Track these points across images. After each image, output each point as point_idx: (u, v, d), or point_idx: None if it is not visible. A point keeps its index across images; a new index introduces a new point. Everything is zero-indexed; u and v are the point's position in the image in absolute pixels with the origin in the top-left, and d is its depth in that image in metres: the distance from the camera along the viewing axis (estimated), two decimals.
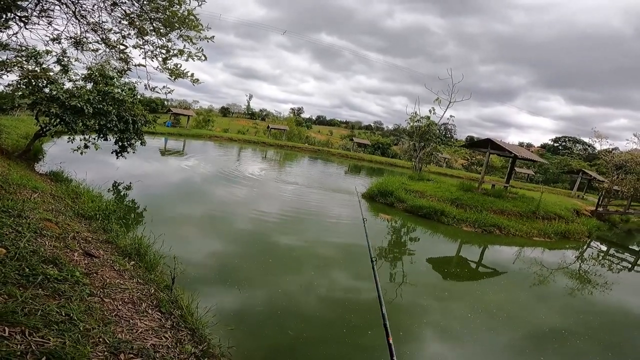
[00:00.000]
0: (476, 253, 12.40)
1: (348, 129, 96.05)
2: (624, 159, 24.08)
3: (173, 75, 7.86)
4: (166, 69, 7.91)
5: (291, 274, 7.55)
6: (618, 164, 24.42)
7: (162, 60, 7.81)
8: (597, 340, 6.75)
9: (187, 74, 7.99)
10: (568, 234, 15.89)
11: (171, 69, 7.90)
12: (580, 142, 71.86)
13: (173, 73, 7.87)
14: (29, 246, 3.84)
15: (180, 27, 7.37)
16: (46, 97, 9.71)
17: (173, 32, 7.52)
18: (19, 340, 2.47)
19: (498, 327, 6.72)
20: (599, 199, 23.28)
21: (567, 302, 8.75)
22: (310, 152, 45.91)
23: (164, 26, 7.38)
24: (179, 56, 7.80)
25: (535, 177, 48.09)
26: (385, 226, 13.89)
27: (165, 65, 7.87)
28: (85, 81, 10.64)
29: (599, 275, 11.36)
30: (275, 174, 23.00)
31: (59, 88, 9.84)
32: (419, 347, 5.65)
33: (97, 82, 10.56)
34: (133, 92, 11.33)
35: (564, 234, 15.76)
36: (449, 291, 8.28)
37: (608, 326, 7.55)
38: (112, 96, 10.41)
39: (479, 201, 16.84)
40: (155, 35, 7.58)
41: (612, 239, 19.59)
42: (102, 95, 10.32)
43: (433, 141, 24.68)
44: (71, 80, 10.36)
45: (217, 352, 3.99)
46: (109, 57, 8.88)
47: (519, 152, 21.35)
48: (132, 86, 11.25)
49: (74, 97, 9.79)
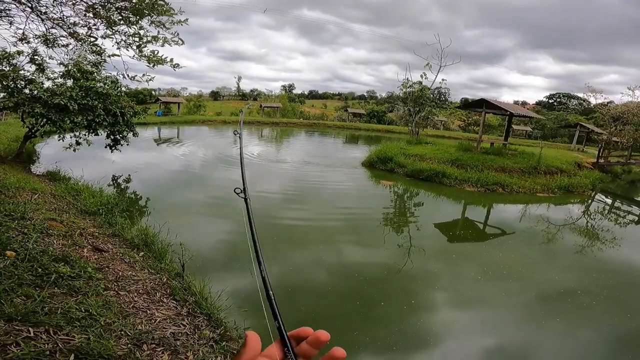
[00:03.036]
0: (481, 213, 12.45)
1: (341, 101, 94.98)
2: (621, 111, 24.10)
3: (151, 62, 7.64)
4: (143, 56, 7.68)
5: (300, 250, 7.58)
6: (615, 116, 24.47)
7: (136, 48, 7.56)
8: (613, 301, 6.42)
9: (165, 60, 7.76)
10: (572, 188, 15.83)
11: (148, 56, 7.66)
12: (574, 98, 71.40)
13: (151, 60, 7.64)
14: (37, 247, 3.83)
15: (150, 13, 7.10)
16: (28, 97, 9.54)
17: (143, 19, 7.23)
18: (45, 339, 2.49)
19: (510, 289, 6.57)
20: (599, 150, 23.28)
21: (578, 260, 8.56)
22: (306, 127, 45.58)
23: (132, 14, 7.09)
24: (154, 42, 7.56)
25: (533, 133, 48.05)
26: (388, 192, 13.94)
27: (141, 53, 7.64)
28: (64, 78, 10.44)
29: (607, 231, 11.06)
30: (273, 151, 22.90)
31: (39, 87, 9.66)
32: (431, 315, 5.57)
33: (77, 78, 10.35)
34: (116, 84, 11.12)
35: (567, 188, 15.71)
36: (458, 255, 8.28)
37: (623, 285, 7.20)
38: (95, 91, 10.22)
39: (479, 160, 16.84)
40: (125, 24, 7.30)
41: (616, 191, 19.53)
42: (85, 91, 10.13)
43: (427, 105, 24.78)
44: (49, 79, 10.16)
45: (235, 334, 4.04)
46: (82, 52, 8.63)
47: (514, 109, 21.40)
48: (114, 79, 11.02)
49: (56, 95, 9.62)
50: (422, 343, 4.77)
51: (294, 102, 65.84)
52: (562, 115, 52.84)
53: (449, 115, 55.96)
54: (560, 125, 44.45)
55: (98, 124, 10.59)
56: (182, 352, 3.13)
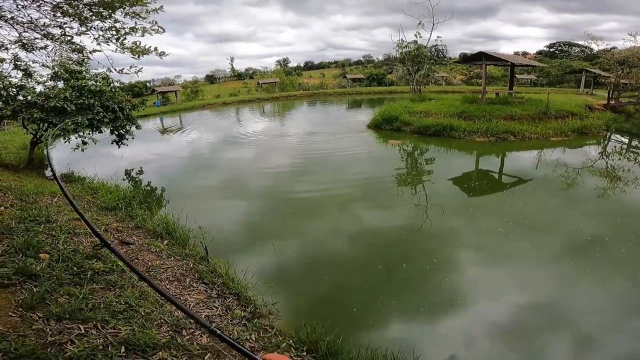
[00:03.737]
0: (495, 163, 12.31)
1: (339, 68, 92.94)
2: (625, 55, 23.62)
3: (135, 53, 7.54)
4: (126, 48, 7.57)
5: (316, 220, 7.62)
6: (620, 60, 23.98)
7: (116, 41, 7.44)
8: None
9: (150, 49, 7.65)
10: (585, 130, 15.52)
11: (131, 48, 7.55)
12: (576, 45, 69.16)
13: (134, 51, 7.54)
14: (68, 247, 3.94)
15: (121, 5, 6.93)
16: (23, 104, 9.54)
17: (116, 11, 7.07)
18: (96, 334, 2.60)
19: (534, 240, 6.29)
20: (609, 92, 22.81)
21: (601, 204, 8.17)
22: (307, 98, 45.03)
23: (103, 8, 6.92)
24: (133, 34, 7.44)
25: (538, 81, 46.82)
26: (397, 151, 13.88)
27: (123, 46, 7.53)
28: (54, 80, 10.36)
29: (627, 171, 10.51)
30: (277, 126, 22.81)
31: (31, 92, 9.64)
32: (455, 273, 5.44)
33: (67, 79, 10.27)
34: (108, 80, 11.03)
35: (581, 130, 15.40)
36: (476, 208, 8.17)
37: None
38: (88, 89, 10.16)
39: (486, 110, 16.60)
40: (98, 19, 7.15)
41: (632, 129, 18.98)
42: (78, 90, 10.08)
43: (426, 63, 24.72)
44: (39, 83, 10.10)
45: (264, 311, 4.13)
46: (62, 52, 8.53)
47: (515, 60, 21.16)
48: (105, 75, 10.92)
49: (50, 98, 9.60)
50: (449, 303, 4.71)
51: (291, 75, 64.69)
52: (566, 62, 51.25)
53: (450, 71, 55.16)
54: (565, 72, 43.35)
55: (99, 121, 10.58)
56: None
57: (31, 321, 2.52)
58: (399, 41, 24.77)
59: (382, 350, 3.46)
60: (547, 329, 4.23)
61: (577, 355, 3.98)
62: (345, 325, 4.09)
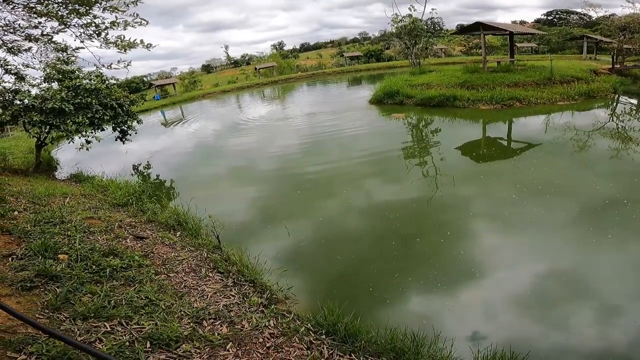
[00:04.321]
0: (503, 130, 12.14)
1: (335, 47, 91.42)
2: (626, 22, 23.07)
3: (121, 47, 7.45)
4: (110, 43, 7.47)
5: (327, 199, 7.57)
6: (621, 26, 23.46)
7: (97, 36, 7.33)
8: None
9: (135, 42, 7.54)
10: (593, 93, 15.20)
11: (115, 42, 7.45)
12: (574, 13, 67.41)
13: (120, 46, 7.45)
14: (85, 246, 4.00)
15: (97, 0, 6.79)
16: (21, 108, 9.53)
17: (93, 7, 6.93)
18: (121, 331, 2.66)
19: (550, 206, 6.08)
20: (613, 57, 22.31)
21: (616, 166, 7.96)
22: (306, 79, 44.49)
23: (78, 5, 6.78)
24: (115, 28, 7.32)
25: (539, 48, 45.89)
26: (402, 124, 13.76)
27: (107, 41, 7.43)
28: (48, 82, 10.31)
29: (639, 131, 10.22)
30: (279, 109, 22.66)
31: (27, 95, 9.62)
32: (470, 245, 5.32)
33: (60, 80, 10.21)
34: (102, 78, 10.95)
35: (588, 94, 15.10)
36: (487, 175, 8.04)
37: None
38: (83, 88, 10.10)
39: (489, 79, 16.35)
40: (75, 16, 7.02)
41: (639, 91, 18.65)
42: (73, 90, 10.03)
43: (423, 36, 24.46)
44: (33, 85, 10.06)
45: (281, 296, 4.13)
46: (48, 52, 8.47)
47: (514, 28, 20.89)
48: (98, 72, 10.83)
49: (47, 100, 9.57)
50: (466, 276, 4.62)
51: (288, 59, 63.79)
52: (566, 29, 50.16)
53: (448, 43, 54.11)
54: (566, 39, 42.49)
55: (100, 119, 10.58)
56: (238, 322, 3.27)
57: (59, 322, 2.58)
58: (393, 16, 24.31)
59: (402, 329, 3.39)
60: (569, 297, 4.14)
61: (600, 324, 3.88)
62: (362, 305, 4.09)
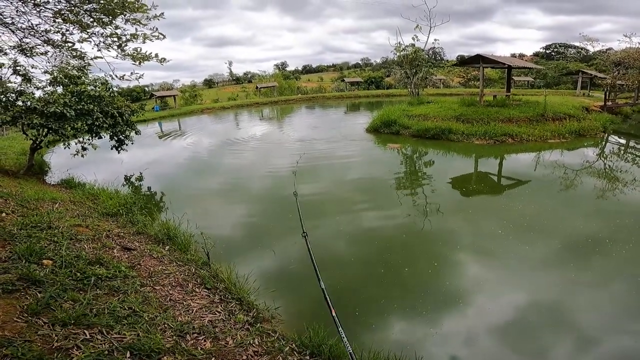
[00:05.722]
0: (494, 165, 12.37)
1: (337, 72, 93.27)
2: (621, 57, 24.04)
3: (136, 60, 7.58)
4: (127, 55, 7.61)
5: (318, 222, 7.59)
6: (616, 61, 24.43)
7: (117, 47, 7.48)
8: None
9: (151, 55, 7.69)
10: (583, 132, 15.60)
11: (132, 55, 7.59)
12: (572, 47, 70.07)
13: (136, 58, 7.58)
14: (70, 253, 3.96)
15: (122, 12, 6.97)
16: (23, 109, 9.56)
17: (117, 18, 7.12)
18: (101, 340, 2.62)
19: (534, 242, 6.34)
20: (606, 94, 23.01)
21: (601, 205, 8.23)
22: (306, 102, 45.12)
23: (104, 15, 6.96)
24: (134, 40, 7.48)
25: (535, 83, 47.23)
26: (396, 155, 13.94)
27: (124, 53, 7.57)
28: (53, 86, 10.37)
29: (625, 172, 10.55)
30: (277, 130, 22.84)
31: (31, 98, 9.65)
32: (456, 276, 5.47)
33: (66, 84, 10.28)
34: (107, 85, 11.05)
35: (578, 132, 15.49)
36: (475, 210, 8.23)
37: None
38: (87, 94, 10.18)
39: (484, 113, 16.69)
40: (99, 25, 7.19)
41: (629, 130, 19.07)
42: (77, 96, 10.10)
43: (424, 65, 24.97)
44: (38, 88, 10.10)
45: (267, 315, 4.16)
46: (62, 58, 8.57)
47: (512, 62, 21.30)
48: (104, 80, 10.95)
49: (50, 103, 9.61)
50: (451, 306, 4.73)
51: (290, 79, 64.84)
52: (562, 64, 51.83)
53: (447, 73, 55.49)
54: (562, 73, 43.80)
55: (99, 127, 10.60)
56: (222, 338, 3.27)
57: (37, 327, 2.54)
58: (396, 44, 24.94)
59: (385, 353, 3.46)
60: (548, 328, 4.26)
61: (578, 355, 4.01)
62: (348, 328, 4.06)
